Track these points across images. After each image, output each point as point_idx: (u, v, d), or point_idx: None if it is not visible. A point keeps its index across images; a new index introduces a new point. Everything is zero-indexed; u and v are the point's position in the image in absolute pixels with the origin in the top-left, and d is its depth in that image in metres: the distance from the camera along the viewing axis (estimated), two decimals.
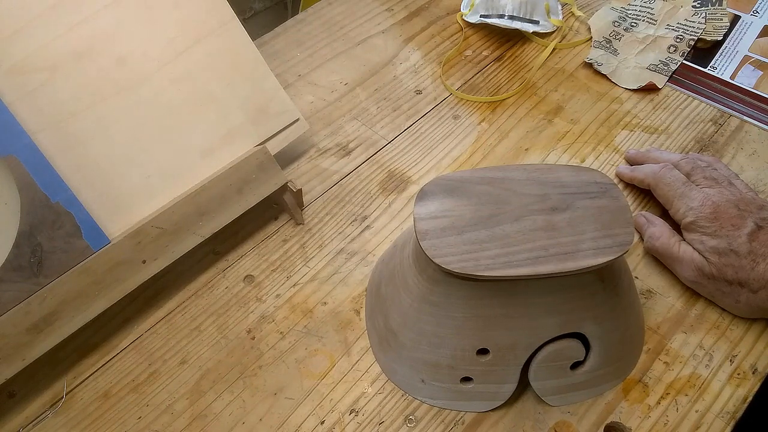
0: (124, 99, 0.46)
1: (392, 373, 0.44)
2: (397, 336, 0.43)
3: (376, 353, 0.46)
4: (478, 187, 0.40)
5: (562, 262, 0.36)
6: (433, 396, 0.43)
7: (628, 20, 0.67)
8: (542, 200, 0.39)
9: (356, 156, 0.59)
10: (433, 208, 0.39)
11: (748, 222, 0.44)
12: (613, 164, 0.56)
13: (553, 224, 0.37)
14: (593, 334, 0.40)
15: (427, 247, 0.37)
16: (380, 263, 0.49)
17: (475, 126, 0.61)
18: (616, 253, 0.36)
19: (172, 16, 0.48)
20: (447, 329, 0.40)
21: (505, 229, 0.37)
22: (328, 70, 0.66)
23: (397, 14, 0.72)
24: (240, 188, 0.49)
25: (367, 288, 0.49)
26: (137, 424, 0.43)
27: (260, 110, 0.52)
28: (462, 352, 0.40)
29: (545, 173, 0.40)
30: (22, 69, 0.43)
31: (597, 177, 0.40)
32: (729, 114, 0.60)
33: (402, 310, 0.42)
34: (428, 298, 0.40)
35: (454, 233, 0.37)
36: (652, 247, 0.49)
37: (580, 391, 0.43)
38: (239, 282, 0.50)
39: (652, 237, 0.49)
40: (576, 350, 0.40)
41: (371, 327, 0.46)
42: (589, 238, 0.37)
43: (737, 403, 0.42)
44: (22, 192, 0.41)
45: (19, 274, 0.41)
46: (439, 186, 0.40)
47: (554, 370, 0.41)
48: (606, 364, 0.42)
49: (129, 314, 0.49)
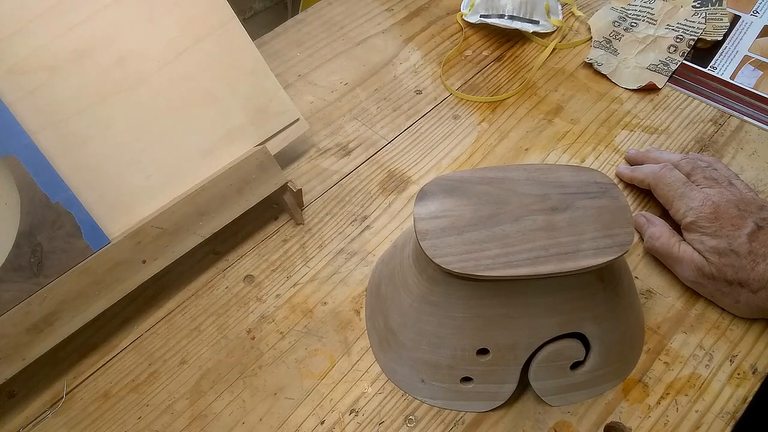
0: (124, 99, 0.46)
1: (392, 373, 0.44)
2: (397, 336, 0.43)
3: (376, 353, 0.46)
4: (478, 187, 0.40)
5: (562, 262, 0.36)
6: (433, 396, 0.43)
7: (628, 20, 0.67)
8: (542, 200, 0.39)
9: (356, 156, 0.59)
10: (433, 208, 0.39)
11: (749, 222, 0.44)
12: (613, 164, 0.56)
13: (553, 224, 0.37)
14: (593, 334, 0.40)
15: (427, 247, 0.37)
16: (380, 263, 0.49)
17: (475, 126, 0.61)
18: (616, 253, 0.36)
19: (172, 16, 0.48)
20: (447, 329, 0.40)
21: (505, 229, 0.37)
22: (328, 70, 0.66)
23: (397, 14, 0.72)
24: (240, 188, 0.49)
25: (367, 288, 0.49)
26: (137, 424, 0.43)
27: (260, 110, 0.52)
28: (462, 352, 0.40)
29: (545, 173, 0.40)
30: (22, 69, 0.43)
31: (597, 177, 0.40)
32: (729, 114, 0.60)
33: (402, 310, 0.42)
34: (428, 298, 0.40)
35: (454, 233, 0.37)
36: (652, 247, 0.49)
37: (580, 391, 0.43)
38: (239, 282, 0.50)
39: (652, 237, 0.49)
40: (576, 350, 0.41)
41: (371, 327, 0.46)
42: (589, 238, 0.37)
43: (737, 403, 0.42)
44: (22, 192, 0.41)
45: (19, 274, 0.41)
46: (439, 186, 0.40)
47: (554, 370, 0.41)
48: (606, 364, 0.42)
49: (129, 314, 0.49)
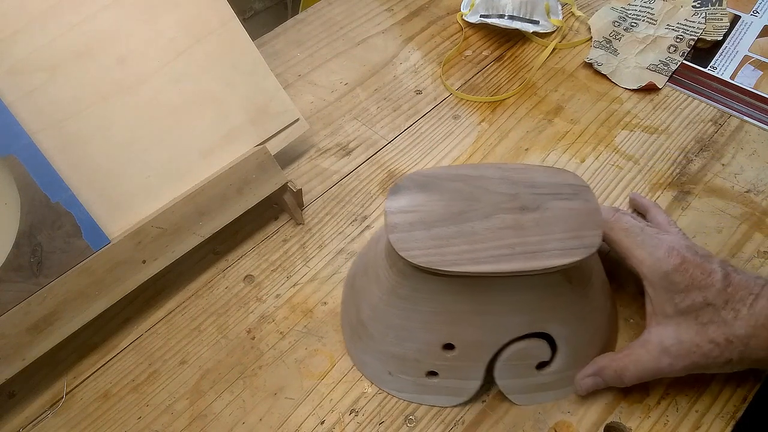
0: (124, 99, 0.46)
1: (362, 364, 0.45)
2: (367, 328, 0.43)
3: (348, 345, 0.46)
4: (452, 183, 0.40)
5: (527, 261, 0.36)
6: (400, 389, 0.43)
7: (628, 20, 0.67)
8: (513, 199, 0.39)
9: (356, 156, 0.59)
10: (404, 203, 0.39)
11: (715, 267, 0.39)
12: (613, 164, 0.56)
13: (521, 223, 0.38)
14: (560, 335, 0.40)
15: (395, 240, 0.37)
16: (358, 256, 0.50)
17: (475, 126, 0.61)
18: (582, 255, 0.36)
19: (172, 15, 0.48)
20: (414, 323, 0.41)
21: (473, 226, 0.38)
22: (328, 70, 0.66)
23: (397, 14, 0.72)
24: (240, 188, 0.49)
25: (345, 281, 0.50)
26: (137, 424, 0.43)
27: (260, 110, 0.52)
28: (428, 346, 0.41)
29: (520, 173, 0.40)
30: (22, 69, 0.43)
31: (571, 179, 0.40)
32: (729, 114, 0.60)
33: (372, 303, 0.43)
34: (397, 292, 0.40)
35: (422, 228, 0.38)
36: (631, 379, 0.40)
37: (546, 392, 0.43)
38: (239, 282, 0.50)
39: (620, 376, 0.41)
40: (541, 350, 0.41)
41: (345, 319, 0.47)
42: (557, 238, 0.37)
43: (737, 403, 0.42)
44: (22, 192, 0.41)
45: (19, 274, 0.41)
46: (413, 181, 0.40)
47: (520, 369, 0.41)
48: (573, 366, 0.42)
49: (129, 314, 0.49)
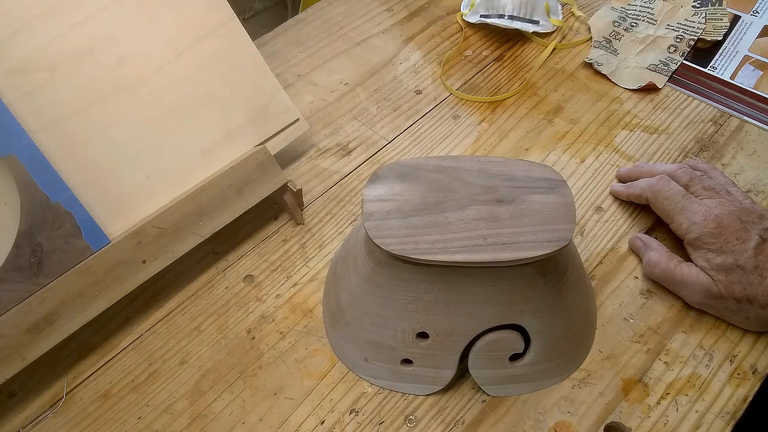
0: (124, 99, 0.46)
1: (340, 350, 0.45)
2: (345, 314, 0.44)
3: (327, 330, 0.46)
4: (430, 174, 0.41)
5: (498, 252, 0.36)
6: (375, 375, 0.44)
7: (628, 20, 0.67)
8: (489, 191, 0.39)
9: (356, 156, 0.59)
10: (382, 191, 0.40)
11: (753, 235, 0.43)
12: (613, 164, 0.56)
13: (496, 215, 0.38)
14: (533, 327, 0.41)
15: (370, 228, 0.38)
16: (341, 245, 0.50)
17: (475, 126, 0.61)
18: (553, 248, 0.36)
19: (172, 16, 0.48)
20: (389, 310, 0.41)
21: (448, 216, 0.38)
22: (328, 70, 0.66)
23: (397, 14, 0.72)
24: (240, 188, 0.49)
25: (329, 267, 0.50)
26: (137, 424, 0.43)
27: (260, 110, 0.52)
28: (402, 334, 0.41)
29: (498, 166, 0.41)
30: (22, 69, 0.43)
31: (549, 173, 0.41)
32: (729, 114, 0.60)
33: (350, 289, 0.43)
34: (373, 279, 0.41)
35: (398, 216, 0.38)
36: (652, 273, 0.48)
37: (519, 384, 0.43)
38: (239, 282, 0.50)
39: (650, 263, 0.48)
40: (514, 342, 0.41)
41: (326, 305, 0.47)
42: (529, 231, 0.37)
43: (737, 403, 0.42)
44: (22, 192, 0.41)
45: (19, 274, 0.41)
46: (392, 171, 0.41)
47: (493, 359, 0.42)
48: (547, 360, 0.42)
49: (129, 314, 0.49)
